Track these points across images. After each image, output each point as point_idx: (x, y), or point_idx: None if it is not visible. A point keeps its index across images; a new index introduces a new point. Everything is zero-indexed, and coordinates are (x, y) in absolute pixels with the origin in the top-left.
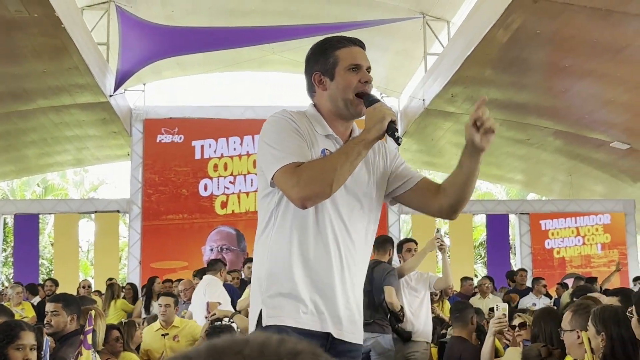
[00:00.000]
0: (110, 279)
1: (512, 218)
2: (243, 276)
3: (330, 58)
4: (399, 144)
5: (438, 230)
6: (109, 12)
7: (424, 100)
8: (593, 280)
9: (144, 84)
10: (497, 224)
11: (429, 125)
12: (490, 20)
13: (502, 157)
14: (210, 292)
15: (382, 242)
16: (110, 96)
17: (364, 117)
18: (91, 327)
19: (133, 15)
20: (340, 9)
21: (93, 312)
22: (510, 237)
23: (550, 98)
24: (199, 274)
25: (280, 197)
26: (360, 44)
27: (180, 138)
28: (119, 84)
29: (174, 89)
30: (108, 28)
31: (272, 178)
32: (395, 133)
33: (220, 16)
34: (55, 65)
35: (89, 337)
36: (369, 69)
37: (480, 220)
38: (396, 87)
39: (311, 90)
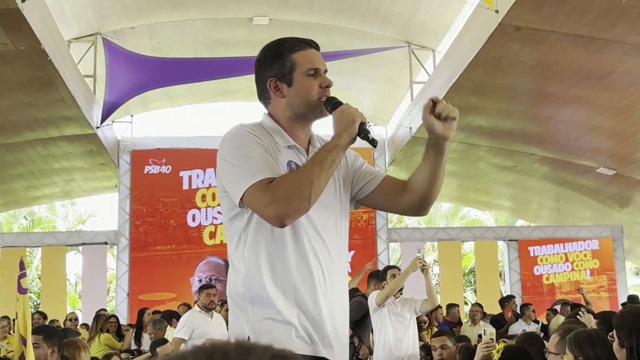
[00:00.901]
0: (100, 310)
1: (501, 245)
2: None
3: (287, 62)
4: (374, 146)
5: (419, 251)
6: (95, 45)
7: (410, 128)
8: (579, 306)
9: (132, 115)
10: (486, 251)
11: (416, 153)
12: (475, 48)
13: (489, 184)
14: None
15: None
16: (97, 128)
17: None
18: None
19: (120, 47)
20: (327, 38)
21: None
22: (499, 264)
23: (536, 124)
24: None
25: (249, 218)
26: (315, 45)
27: (168, 169)
28: (106, 115)
29: (161, 120)
30: (95, 60)
31: (242, 198)
32: (369, 135)
33: (207, 47)
34: (42, 97)
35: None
36: (326, 71)
37: (469, 247)
38: (383, 116)
39: (265, 98)
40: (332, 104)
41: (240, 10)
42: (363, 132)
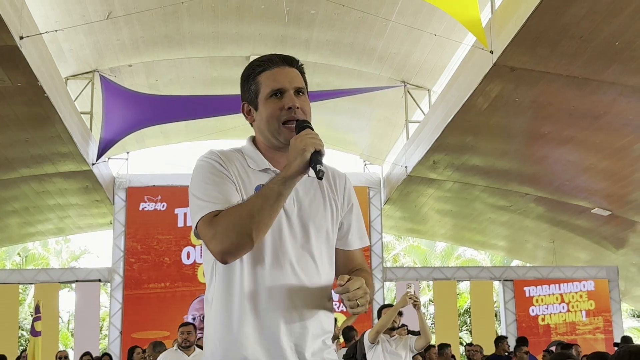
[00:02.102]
0: (85, 354)
1: (497, 285)
2: None
3: (252, 85)
4: (320, 178)
5: (410, 286)
6: (92, 82)
7: (406, 167)
8: (569, 346)
9: (128, 152)
10: (482, 291)
11: (411, 192)
12: (470, 88)
13: (485, 224)
14: None
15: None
16: (93, 164)
17: None
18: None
19: (117, 84)
20: (323, 77)
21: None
22: (495, 304)
23: (531, 164)
24: None
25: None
26: (288, 60)
27: (163, 206)
28: (102, 152)
29: (157, 157)
30: (92, 97)
31: (197, 230)
32: (318, 166)
33: (204, 85)
34: (38, 133)
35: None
36: (300, 89)
37: (464, 287)
38: (379, 154)
39: (248, 121)
40: (300, 128)
41: (237, 49)
42: (314, 162)
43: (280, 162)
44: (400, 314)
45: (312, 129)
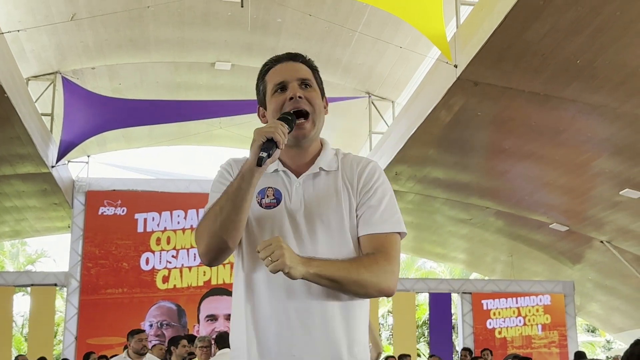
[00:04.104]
0: (40, 359)
1: (455, 297)
2: None
3: (261, 86)
4: (259, 165)
5: None
6: (54, 83)
7: None
8: (525, 359)
9: (88, 156)
10: (440, 303)
11: None
12: (433, 101)
13: (445, 236)
14: None
15: None
16: (53, 167)
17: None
18: None
19: (79, 86)
20: None
21: None
22: (452, 316)
23: (491, 179)
24: None
25: (238, 258)
26: (292, 56)
27: (123, 211)
28: (62, 155)
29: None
30: (53, 99)
31: None
32: (262, 153)
33: (168, 90)
34: None
35: None
36: (304, 80)
37: (423, 298)
38: None
39: None
40: (283, 120)
41: (202, 55)
42: (262, 150)
43: (295, 160)
44: None
45: (293, 119)
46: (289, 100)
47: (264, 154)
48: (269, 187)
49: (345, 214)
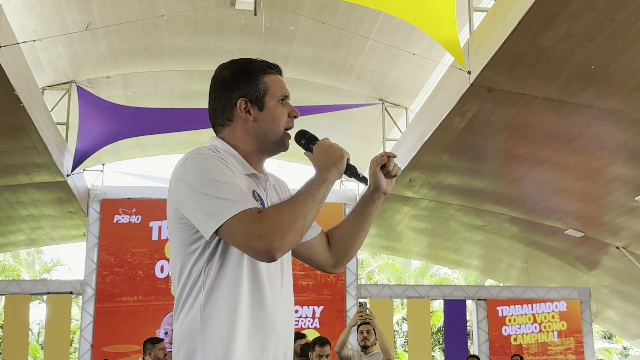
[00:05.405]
0: None
1: (470, 304)
2: None
3: (260, 85)
4: (365, 184)
5: (361, 304)
6: (69, 92)
7: None
8: None
9: (103, 164)
10: (455, 310)
11: (387, 209)
12: (447, 108)
13: (459, 243)
14: None
15: None
16: (68, 176)
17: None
18: None
19: (94, 95)
20: (301, 93)
21: None
22: (467, 323)
23: (505, 185)
24: None
25: (211, 254)
26: (281, 72)
27: (138, 219)
28: (77, 163)
29: (133, 170)
30: (68, 108)
31: (219, 229)
32: (358, 171)
33: (182, 98)
34: (13, 143)
35: None
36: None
37: (438, 305)
38: None
39: (224, 120)
40: (307, 138)
41: (216, 63)
42: (350, 170)
43: (257, 167)
44: (368, 332)
45: (312, 140)
46: (290, 118)
47: (363, 173)
48: (255, 191)
49: None
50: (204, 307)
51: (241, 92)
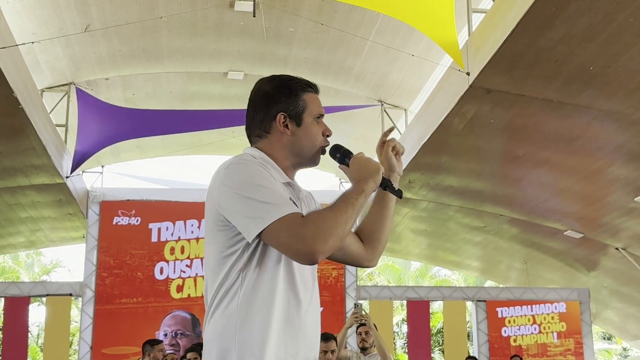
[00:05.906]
0: None
1: (469, 305)
2: None
3: (300, 101)
4: (400, 197)
5: (356, 306)
6: (68, 94)
7: None
8: None
9: (102, 166)
10: (454, 311)
11: None
12: (446, 109)
13: (459, 244)
14: None
15: None
16: (67, 177)
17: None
18: None
19: (93, 96)
20: None
21: None
22: (467, 324)
23: (505, 186)
24: None
25: (250, 256)
26: (318, 91)
27: (137, 220)
28: (76, 165)
29: (132, 171)
30: (67, 110)
31: (263, 231)
32: (393, 185)
33: (181, 100)
34: (12, 145)
35: None
36: None
37: (438, 306)
38: None
39: (262, 131)
40: (342, 152)
41: (215, 65)
42: (385, 183)
43: (291, 178)
44: (366, 333)
45: (348, 155)
46: (326, 136)
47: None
48: (291, 199)
49: None
50: (240, 307)
51: (281, 107)
